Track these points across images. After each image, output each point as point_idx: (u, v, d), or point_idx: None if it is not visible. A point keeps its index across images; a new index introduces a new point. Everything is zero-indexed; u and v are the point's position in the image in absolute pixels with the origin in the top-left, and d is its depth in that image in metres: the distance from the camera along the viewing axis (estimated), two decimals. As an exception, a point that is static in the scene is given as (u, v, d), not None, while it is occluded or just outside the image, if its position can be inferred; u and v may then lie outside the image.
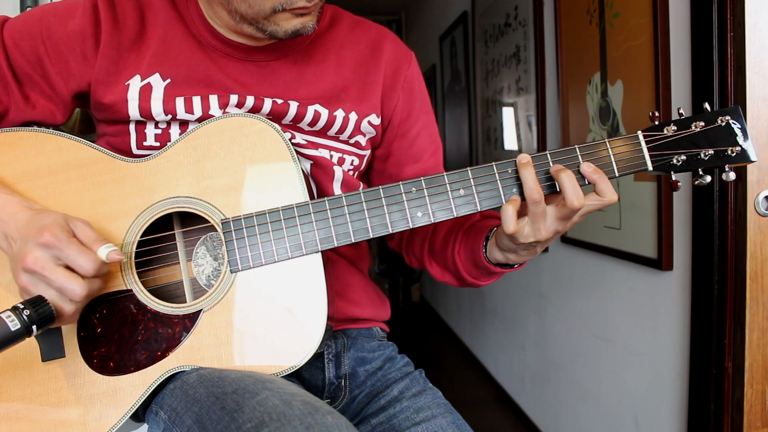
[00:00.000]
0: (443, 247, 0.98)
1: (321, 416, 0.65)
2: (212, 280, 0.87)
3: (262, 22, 0.83)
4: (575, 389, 2.17)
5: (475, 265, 0.92)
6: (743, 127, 0.80)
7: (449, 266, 0.98)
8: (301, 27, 0.84)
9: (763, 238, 1.27)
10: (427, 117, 1.05)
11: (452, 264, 0.96)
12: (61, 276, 0.71)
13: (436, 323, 4.40)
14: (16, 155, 0.84)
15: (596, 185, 0.79)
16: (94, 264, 0.73)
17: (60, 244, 0.72)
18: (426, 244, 1.02)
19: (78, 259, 0.72)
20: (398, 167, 1.03)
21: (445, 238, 0.98)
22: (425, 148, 1.04)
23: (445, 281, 1.01)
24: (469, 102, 3.32)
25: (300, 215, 0.81)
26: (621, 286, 1.83)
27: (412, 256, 1.06)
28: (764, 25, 1.24)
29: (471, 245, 0.92)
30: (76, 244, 0.73)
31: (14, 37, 0.86)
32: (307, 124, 0.93)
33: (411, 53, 1.03)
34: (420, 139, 1.03)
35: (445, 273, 1.00)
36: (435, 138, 1.06)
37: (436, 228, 1.00)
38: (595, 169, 0.79)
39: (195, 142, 0.84)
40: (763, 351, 1.29)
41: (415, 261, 1.06)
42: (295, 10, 0.82)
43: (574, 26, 1.99)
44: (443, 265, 0.99)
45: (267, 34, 0.85)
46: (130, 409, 0.80)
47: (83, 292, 0.72)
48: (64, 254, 0.72)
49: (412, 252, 1.06)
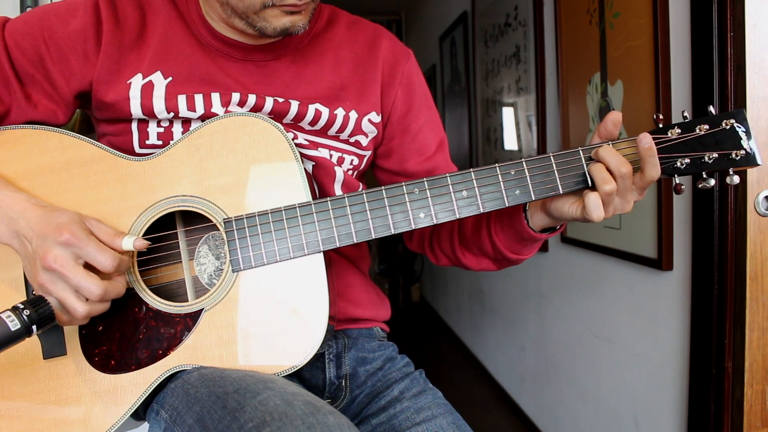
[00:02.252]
0: (475, 233, 0.97)
1: (322, 416, 0.65)
2: (214, 279, 0.87)
3: (252, 17, 0.83)
4: (575, 389, 2.17)
5: (519, 238, 0.92)
6: (748, 131, 0.79)
7: (486, 250, 0.97)
8: (291, 25, 0.84)
9: (763, 238, 1.27)
10: (430, 112, 1.04)
11: (490, 246, 0.96)
12: (80, 274, 0.72)
13: (436, 323, 4.40)
14: (19, 153, 0.84)
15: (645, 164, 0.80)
16: (114, 260, 0.74)
17: (80, 242, 0.73)
18: (455, 237, 1.01)
19: (98, 257, 0.73)
20: (402, 163, 1.02)
21: (475, 225, 0.97)
22: (430, 142, 1.03)
23: (482, 268, 1.00)
24: (469, 102, 3.32)
25: (302, 215, 0.81)
26: (621, 286, 1.83)
27: (440, 254, 1.05)
28: (764, 25, 1.25)
29: (509, 222, 0.92)
30: (95, 242, 0.74)
31: (15, 37, 0.86)
32: (308, 123, 0.93)
33: (409, 51, 1.03)
34: (423, 133, 1.03)
35: (482, 259, 0.99)
36: (439, 131, 1.05)
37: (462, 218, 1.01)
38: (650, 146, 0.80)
39: (198, 141, 0.84)
40: (763, 351, 1.29)
41: (444, 258, 1.05)
42: (284, 7, 0.82)
43: (574, 26, 2.00)
44: (479, 251, 0.99)
45: (257, 30, 0.85)
46: (131, 407, 0.80)
47: (99, 291, 0.73)
48: (83, 252, 0.73)
49: (441, 249, 1.05)
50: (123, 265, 0.77)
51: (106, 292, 0.74)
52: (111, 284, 0.75)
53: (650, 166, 0.79)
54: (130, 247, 0.77)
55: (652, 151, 0.78)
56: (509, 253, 0.95)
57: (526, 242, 0.92)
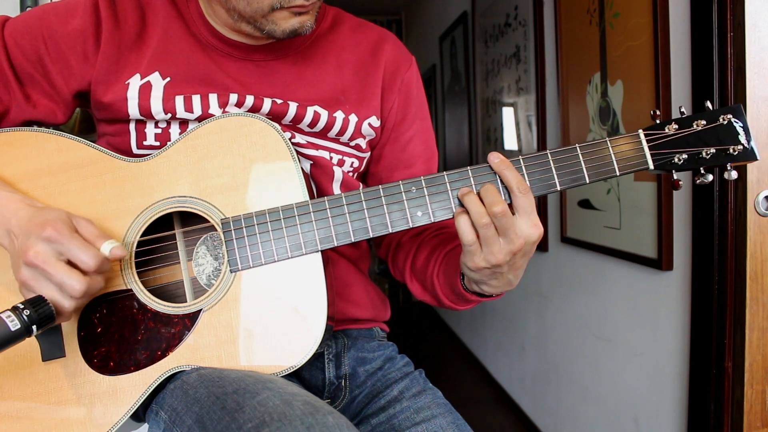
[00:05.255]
0: (424, 267, 0.96)
1: (322, 416, 0.65)
2: (213, 279, 0.87)
3: (260, 21, 0.83)
4: (575, 389, 2.17)
5: (452, 290, 0.90)
6: (745, 126, 0.79)
7: (428, 287, 0.96)
8: (299, 26, 0.84)
9: (763, 238, 1.27)
10: (423, 123, 1.03)
11: (431, 285, 0.94)
12: (61, 271, 0.71)
13: (436, 323, 4.40)
14: (17, 155, 0.84)
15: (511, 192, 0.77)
16: (96, 259, 0.72)
17: (62, 239, 0.71)
18: (408, 261, 1.00)
19: (80, 254, 0.72)
20: (389, 171, 1.02)
21: (427, 258, 0.96)
22: (418, 154, 1.02)
23: (425, 300, 0.99)
24: (469, 102, 3.32)
25: (300, 215, 0.81)
26: (621, 286, 1.83)
27: (396, 269, 1.05)
28: (764, 25, 1.24)
29: (449, 270, 0.90)
30: (78, 239, 0.73)
31: (15, 37, 0.86)
32: (307, 125, 0.93)
33: (412, 58, 1.03)
34: (413, 144, 1.02)
35: (425, 292, 0.98)
36: (430, 145, 1.04)
37: (419, 247, 0.98)
38: (502, 160, 0.77)
39: (195, 142, 0.84)
40: (763, 351, 1.29)
41: (398, 274, 1.04)
42: (293, 9, 0.82)
43: (574, 26, 2.00)
44: (422, 284, 0.98)
45: (265, 33, 0.85)
46: (131, 408, 0.80)
47: (82, 288, 0.71)
48: (65, 248, 0.71)
49: (396, 265, 1.04)
50: (105, 266, 0.75)
51: (89, 288, 0.73)
52: (92, 279, 0.73)
53: (511, 178, 0.76)
54: (106, 254, 0.74)
55: (506, 163, 0.77)
56: (445, 299, 0.93)
57: (458, 297, 0.91)
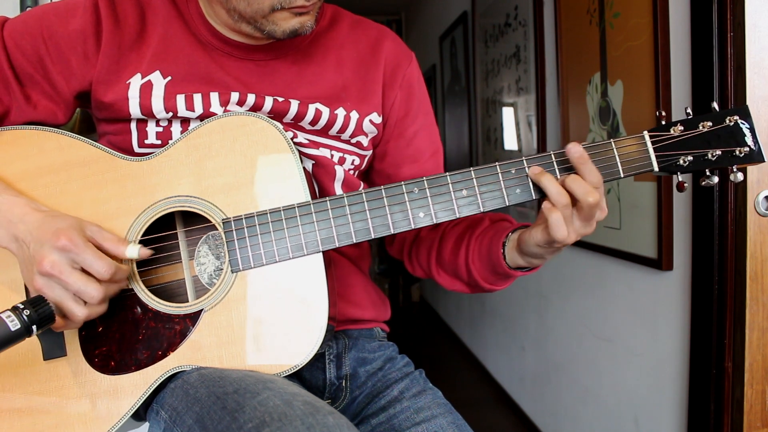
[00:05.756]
0: (453, 256, 0.96)
1: (322, 416, 0.65)
2: (214, 278, 0.87)
3: (261, 21, 0.83)
4: (575, 389, 2.17)
5: (494, 271, 0.91)
6: (752, 127, 0.79)
7: (461, 275, 0.96)
8: (300, 27, 0.84)
9: (763, 238, 1.27)
10: (426, 118, 1.04)
11: (465, 272, 0.95)
12: (79, 280, 0.72)
13: (436, 323, 4.39)
14: (18, 154, 0.84)
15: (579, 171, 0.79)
16: (111, 268, 0.74)
17: (76, 249, 0.73)
18: (433, 254, 1.00)
19: (94, 264, 0.73)
20: (395, 168, 1.02)
21: (455, 247, 0.96)
22: (423, 149, 1.03)
23: (455, 289, 1.00)
24: (469, 102, 3.32)
25: (301, 215, 0.81)
26: (621, 286, 1.83)
27: (416, 266, 1.05)
28: (764, 25, 1.24)
29: (487, 252, 0.90)
30: (93, 249, 0.74)
31: (15, 37, 0.86)
32: (309, 123, 0.93)
33: (411, 54, 1.03)
34: (418, 139, 1.02)
35: (455, 281, 0.99)
36: (435, 140, 1.05)
37: (443, 237, 0.99)
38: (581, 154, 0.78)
39: (196, 141, 0.84)
40: (763, 351, 1.29)
41: (420, 270, 1.04)
42: (293, 9, 0.82)
43: (574, 26, 2.00)
44: (454, 274, 0.98)
45: (265, 34, 0.85)
46: (131, 408, 0.80)
47: (100, 295, 0.73)
48: (80, 258, 0.73)
49: (418, 262, 1.04)
50: (120, 274, 0.76)
51: (105, 295, 0.74)
52: (107, 287, 0.75)
53: (588, 173, 0.78)
54: (135, 256, 0.77)
55: (584, 158, 0.78)
56: (483, 282, 0.94)
57: (500, 276, 0.92)
